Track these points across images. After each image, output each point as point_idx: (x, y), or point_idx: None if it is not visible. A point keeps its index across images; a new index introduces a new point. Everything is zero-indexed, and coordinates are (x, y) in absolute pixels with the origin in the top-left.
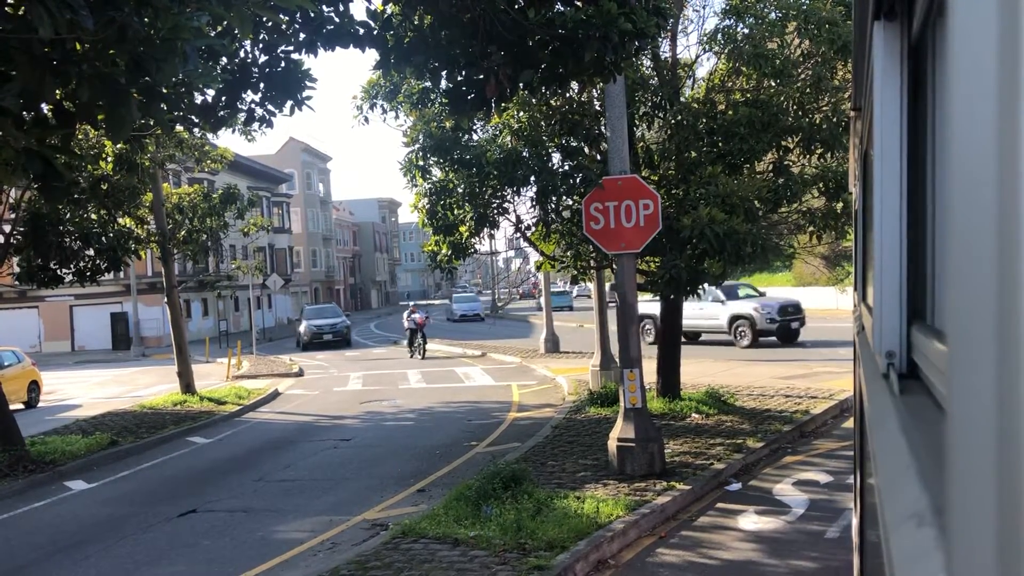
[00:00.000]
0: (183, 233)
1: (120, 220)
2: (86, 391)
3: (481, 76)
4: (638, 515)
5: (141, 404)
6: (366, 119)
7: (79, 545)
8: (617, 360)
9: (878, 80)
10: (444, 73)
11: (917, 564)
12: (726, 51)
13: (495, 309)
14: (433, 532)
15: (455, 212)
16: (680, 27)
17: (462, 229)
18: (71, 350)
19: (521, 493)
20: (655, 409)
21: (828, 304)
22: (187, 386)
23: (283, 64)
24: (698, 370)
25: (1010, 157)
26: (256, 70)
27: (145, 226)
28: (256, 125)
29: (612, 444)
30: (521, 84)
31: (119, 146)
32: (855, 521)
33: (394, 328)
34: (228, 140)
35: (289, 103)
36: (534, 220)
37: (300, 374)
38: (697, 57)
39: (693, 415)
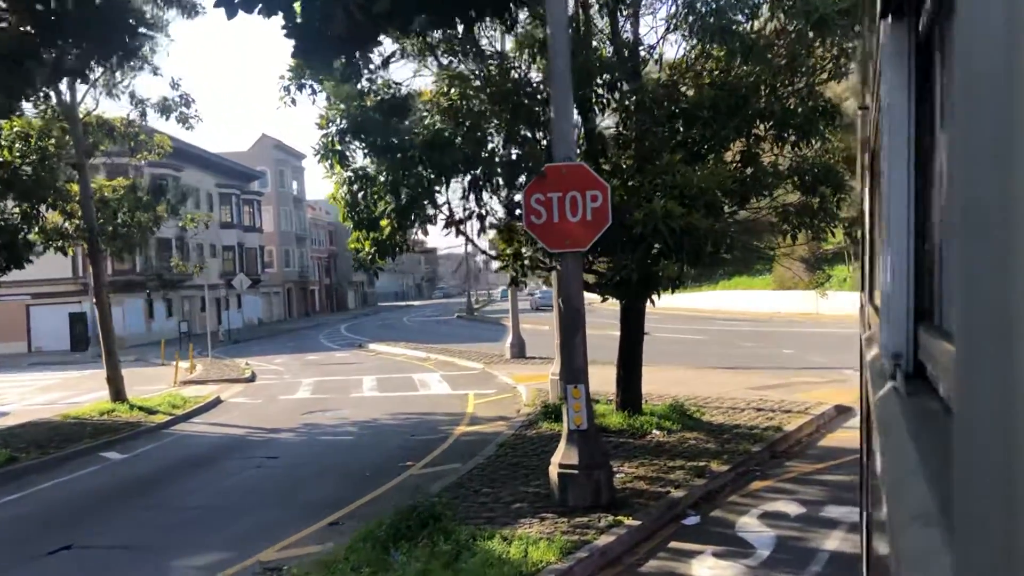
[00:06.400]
0: (110, 228)
1: (48, 215)
2: (25, 396)
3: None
4: (573, 560)
5: (65, 414)
6: (293, 101)
7: None
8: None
9: (885, 78)
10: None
11: (924, 564)
12: (687, 22)
13: (470, 311)
14: None
15: (377, 205)
16: (646, 5)
17: (383, 224)
18: (28, 351)
19: (438, 532)
20: (613, 425)
21: (808, 308)
22: (117, 393)
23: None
24: (670, 378)
25: (1019, 156)
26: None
27: (73, 220)
28: (67, 81)
29: (553, 471)
30: (400, 27)
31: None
32: (862, 521)
33: (364, 331)
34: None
35: (116, 55)
36: (466, 214)
37: (252, 379)
38: (662, 37)
39: (654, 432)
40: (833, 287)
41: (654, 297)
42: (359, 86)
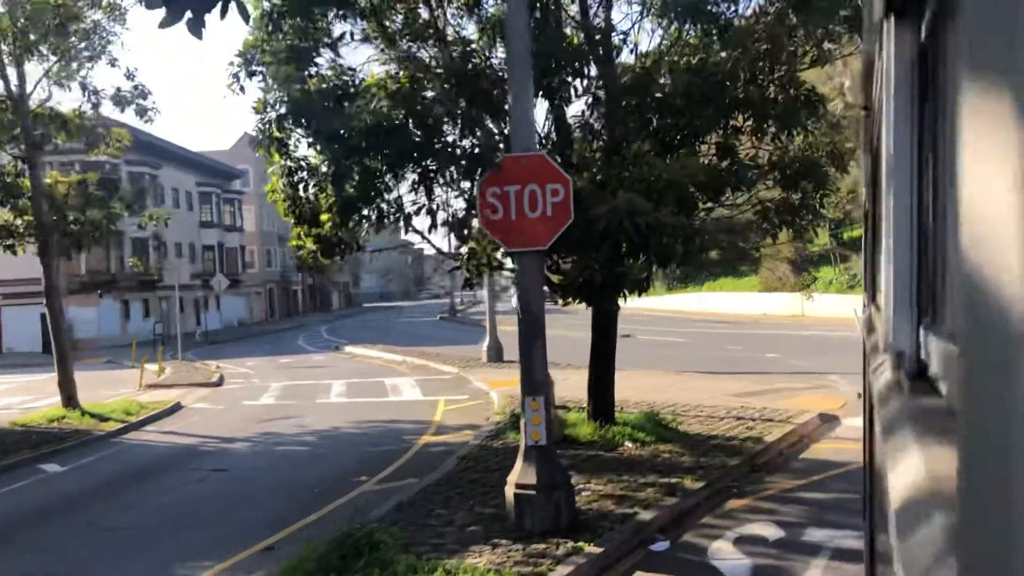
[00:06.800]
0: (61, 226)
1: None
2: None
3: None
4: None
5: (13, 421)
6: (242, 88)
7: None
8: (549, 375)
9: (888, 79)
10: None
11: (928, 566)
12: (656, 4)
13: (453, 312)
14: None
15: (319, 198)
16: None
17: (324, 219)
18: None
19: (374, 564)
20: (584, 436)
21: (794, 311)
22: (68, 399)
23: None
24: (649, 384)
25: (1022, 156)
26: None
27: (25, 217)
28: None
29: (509, 491)
30: None
31: None
32: (865, 521)
33: (344, 332)
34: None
35: None
36: (415, 208)
37: (219, 383)
38: (635, 23)
39: (626, 443)
40: (819, 289)
41: (620, 300)
42: (307, 72)
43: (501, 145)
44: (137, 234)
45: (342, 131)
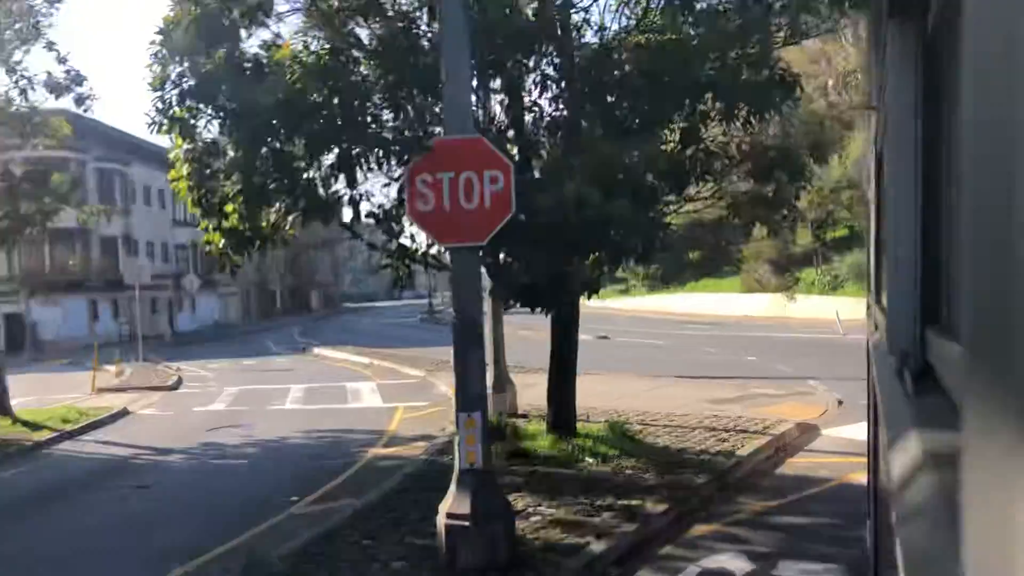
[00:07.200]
0: None
1: None
2: None
3: None
4: None
5: None
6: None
7: None
8: (513, 380)
9: (892, 78)
10: None
11: (932, 565)
12: None
13: (432, 313)
14: None
15: (224, 186)
16: None
17: (229, 209)
18: None
19: None
20: (541, 450)
21: (777, 312)
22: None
23: None
24: (621, 389)
25: None
26: None
27: None
28: None
29: (441, 521)
30: None
31: None
32: (869, 523)
33: (318, 334)
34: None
35: None
36: (334, 198)
37: (175, 387)
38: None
39: (587, 459)
40: (802, 291)
41: (591, 300)
42: (219, 45)
43: (438, 130)
44: (106, 232)
45: (252, 109)
